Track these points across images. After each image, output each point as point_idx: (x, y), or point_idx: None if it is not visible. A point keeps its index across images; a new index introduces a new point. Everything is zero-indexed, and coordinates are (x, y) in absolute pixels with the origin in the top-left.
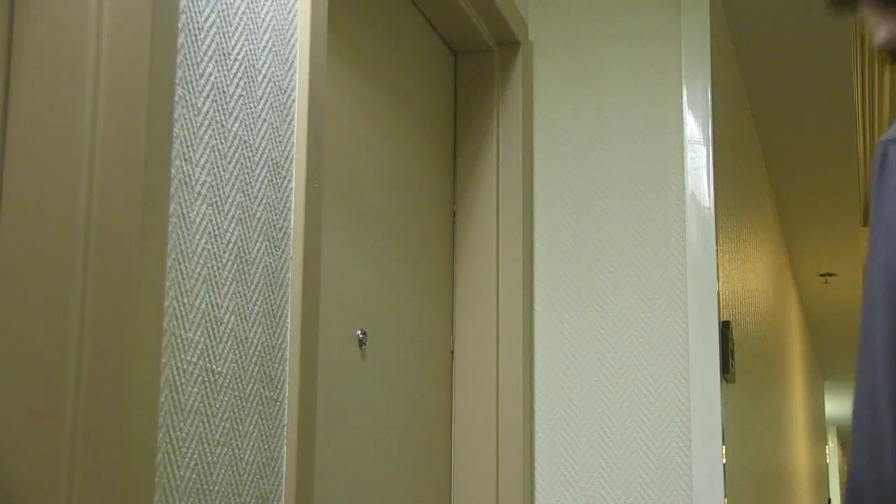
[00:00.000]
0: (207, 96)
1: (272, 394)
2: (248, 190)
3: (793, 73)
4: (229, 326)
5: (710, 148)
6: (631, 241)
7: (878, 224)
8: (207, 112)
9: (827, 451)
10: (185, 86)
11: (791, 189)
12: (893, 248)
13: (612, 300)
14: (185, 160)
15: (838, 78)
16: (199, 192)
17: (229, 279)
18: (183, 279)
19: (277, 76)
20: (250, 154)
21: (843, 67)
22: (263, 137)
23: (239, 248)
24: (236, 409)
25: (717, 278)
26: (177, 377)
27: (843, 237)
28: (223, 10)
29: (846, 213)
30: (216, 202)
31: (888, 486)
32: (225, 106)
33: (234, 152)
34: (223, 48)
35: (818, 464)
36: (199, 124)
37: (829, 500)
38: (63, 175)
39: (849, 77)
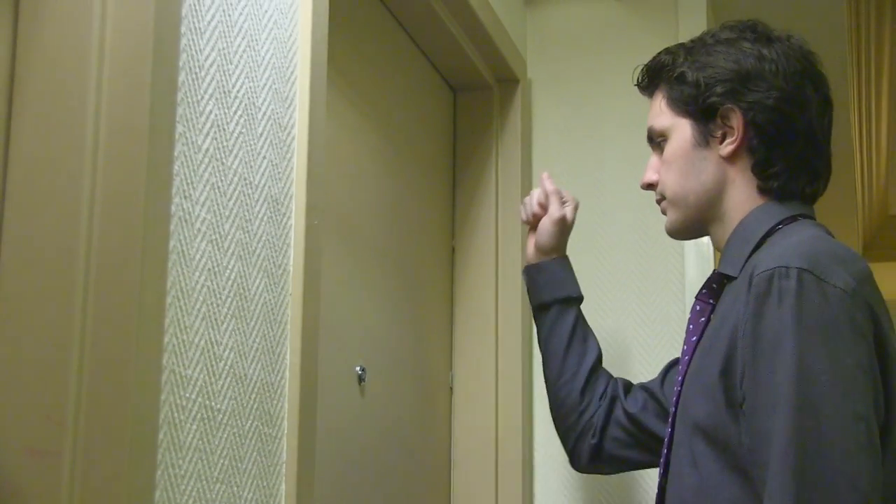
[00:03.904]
0: (207, 134)
1: (271, 430)
2: (247, 227)
3: None
4: (228, 363)
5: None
6: (631, 277)
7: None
8: (207, 149)
9: None
10: (185, 123)
11: None
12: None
13: (611, 336)
14: (185, 197)
15: (836, 116)
16: (199, 230)
17: (228, 316)
18: (182, 316)
19: (277, 114)
20: (250, 191)
21: (841, 110)
22: (263, 174)
23: (238, 284)
24: (235, 447)
25: None
26: (176, 414)
27: None
28: (224, 49)
29: (843, 239)
30: (216, 239)
31: None
32: (225, 143)
33: (234, 189)
34: (223, 86)
35: None
36: (199, 162)
37: None
38: (64, 212)
39: (847, 113)
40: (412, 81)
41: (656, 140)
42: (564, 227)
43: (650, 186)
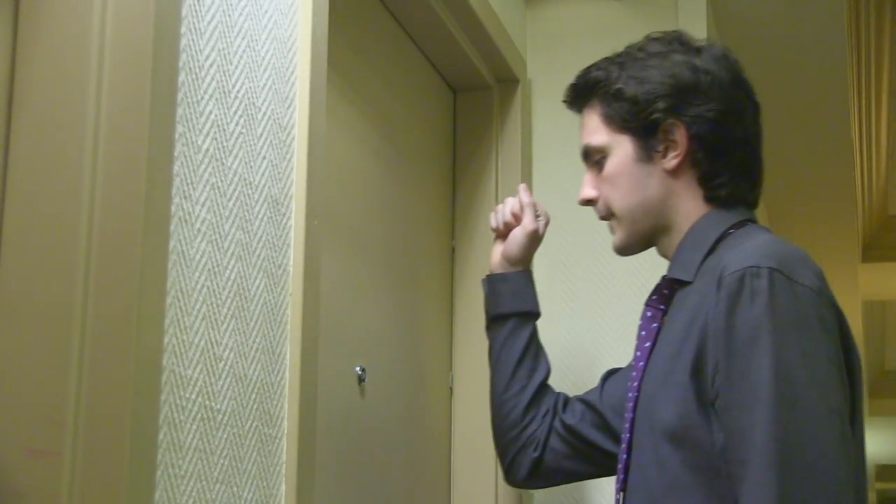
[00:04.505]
0: (208, 134)
1: (271, 431)
2: (247, 227)
3: (792, 116)
4: (228, 363)
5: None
6: (631, 279)
7: (764, 369)
8: (207, 150)
9: None
10: (185, 123)
11: (789, 225)
12: (787, 408)
13: (611, 336)
14: (185, 198)
15: (836, 117)
16: (199, 230)
17: (228, 316)
18: (182, 316)
19: (277, 114)
20: (250, 191)
21: (841, 111)
22: (263, 175)
23: (238, 285)
24: (235, 447)
25: None
26: (176, 415)
27: (841, 273)
28: (223, 49)
29: (844, 248)
30: (216, 239)
31: None
32: (225, 143)
33: (234, 190)
34: (223, 86)
35: None
36: (199, 162)
37: None
38: (64, 213)
39: (847, 114)
40: (412, 81)
41: (594, 157)
42: (535, 240)
43: (589, 202)
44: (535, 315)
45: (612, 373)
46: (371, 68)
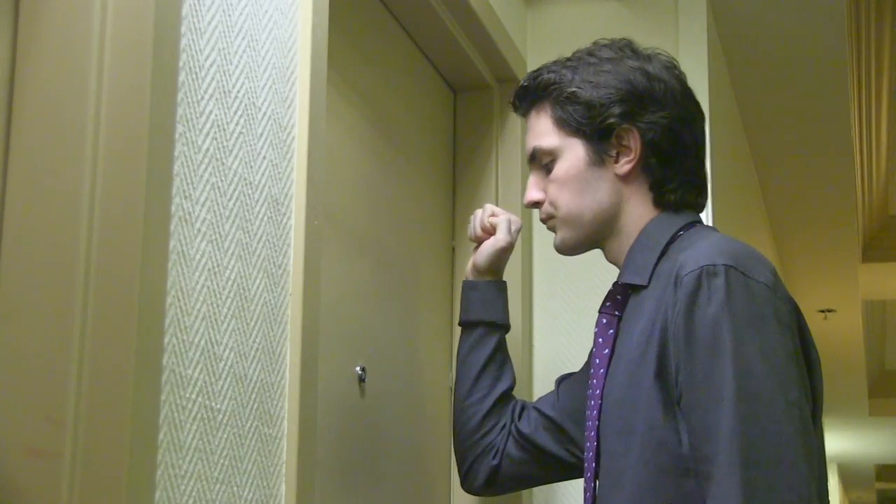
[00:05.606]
0: (208, 134)
1: (271, 431)
2: (247, 227)
3: (792, 116)
4: (228, 363)
5: (709, 187)
6: None
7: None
8: (208, 150)
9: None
10: (185, 123)
11: (789, 225)
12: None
13: None
14: (185, 197)
15: (837, 116)
16: (199, 230)
17: (228, 316)
18: (182, 316)
19: (277, 114)
20: (250, 191)
21: (841, 110)
22: (263, 175)
23: (238, 285)
24: (235, 447)
25: None
26: (176, 415)
27: (842, 273)
28: (223, 49)
29: (845, 248)
30: (216, 239)
31: None
32: (225, 143)
33: (234, 189)
34: (223, 86)
35: None
36: (199, 162)
37: None
38: (63, 212)
39: (847, 114)
40: (412, 81)
41: (543, 161)
42: (505, 252)
43: (535, 205)
44: (503, 326)
45: (565, 377)
46: (371, 68)
